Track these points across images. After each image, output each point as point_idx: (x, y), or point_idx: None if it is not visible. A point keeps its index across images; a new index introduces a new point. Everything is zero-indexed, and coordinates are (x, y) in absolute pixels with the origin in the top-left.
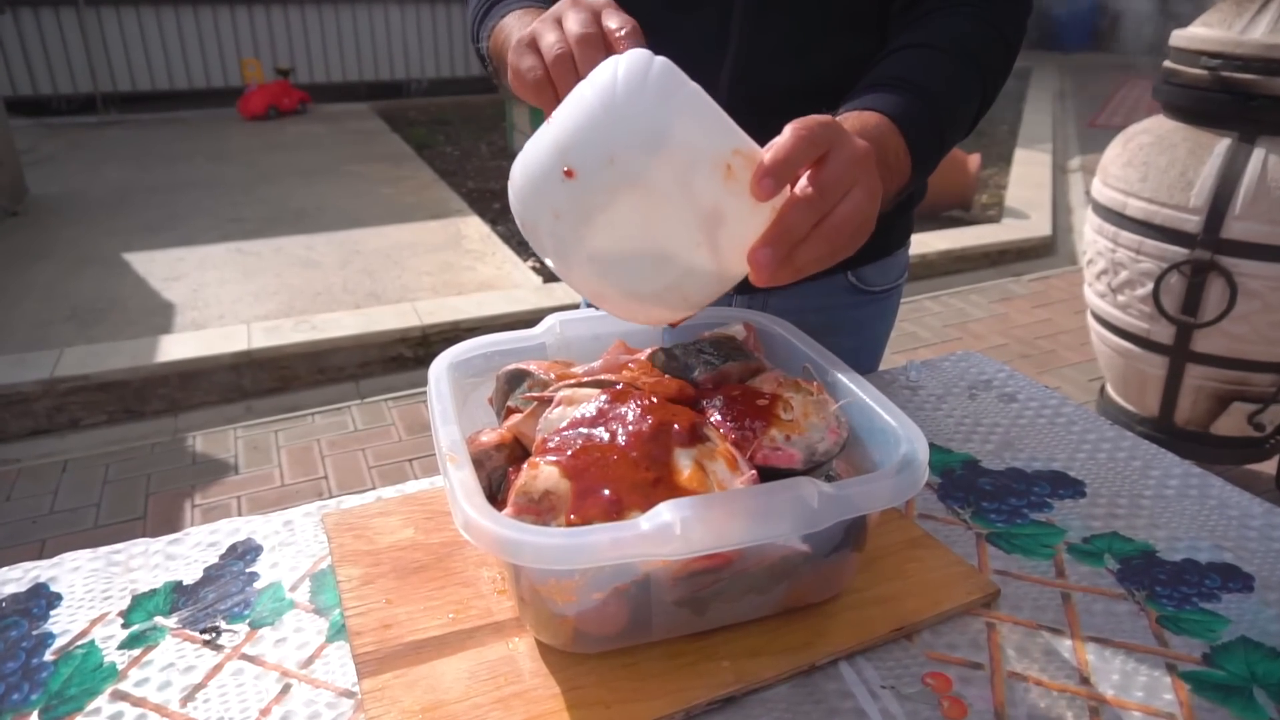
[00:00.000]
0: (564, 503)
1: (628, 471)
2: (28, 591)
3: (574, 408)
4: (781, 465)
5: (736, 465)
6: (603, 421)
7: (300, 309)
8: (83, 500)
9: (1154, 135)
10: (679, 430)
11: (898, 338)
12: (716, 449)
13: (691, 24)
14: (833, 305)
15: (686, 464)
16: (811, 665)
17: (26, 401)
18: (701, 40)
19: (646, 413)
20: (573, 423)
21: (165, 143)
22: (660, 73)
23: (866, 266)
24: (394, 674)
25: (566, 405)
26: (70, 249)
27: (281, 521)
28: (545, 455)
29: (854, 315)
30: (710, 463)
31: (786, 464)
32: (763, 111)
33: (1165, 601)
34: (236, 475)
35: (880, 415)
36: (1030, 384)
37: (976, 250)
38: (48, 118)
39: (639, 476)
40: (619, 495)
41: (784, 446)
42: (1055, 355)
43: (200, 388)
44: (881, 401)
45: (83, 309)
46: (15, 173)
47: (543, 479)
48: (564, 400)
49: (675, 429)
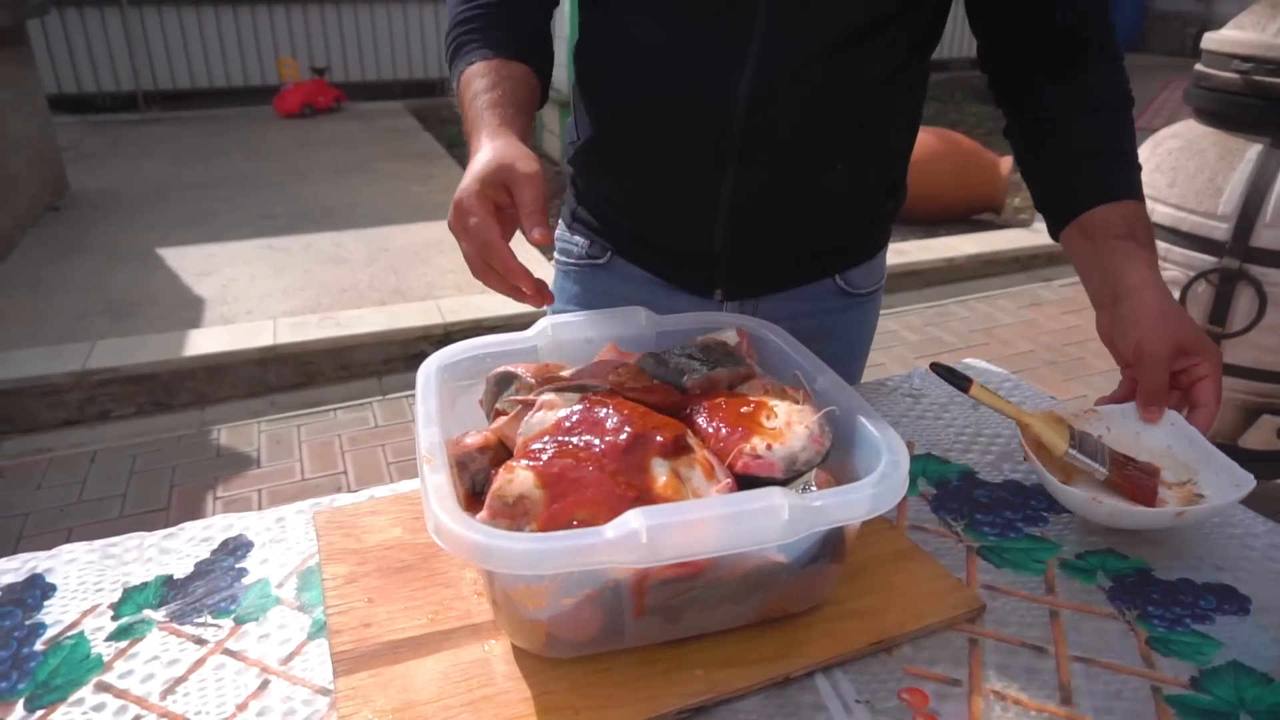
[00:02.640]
0: (538, 508)
1: (603, 485)
2: (24, 582)
3: (554, 412)
4: (762, 474)
5: (714, 473)
6: (583, 428)
7: (327, 305)
8: (110, 490)
9: (1183, 140)
10: (662, 442)
11: (922, 342)
12: (695, 457)
13: (711, 29)
14: (823, 310)
15: (662, 472)
16: (786, 676)
17: (59, 393)
18: (721, 46)
19: (626, 421)
20: (554, 427)
21: (203, 140)
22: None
23: (853, 270)
24: (369, 673)
25: (547, 410)
26: (107, 243)
27: (274, 518)
28: (522, 460)
29: (842, 319)
30: (687, 470)
31: (766, 473)
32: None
33: (1157, 622)
34: (258, 469)
35: (864, 425)
36: (1037, 394)
37: (1006, 254)
38: (91, 115)
39: (614, 491)
40: (591, 512)
41: (765, 455)
42: (1083, 363)
43: (226, 381)
44: (866, 411)
45: (117, 302)
46: (57, 168)
47: (518, 484)
48: (545, 405)
49: (658, 440)
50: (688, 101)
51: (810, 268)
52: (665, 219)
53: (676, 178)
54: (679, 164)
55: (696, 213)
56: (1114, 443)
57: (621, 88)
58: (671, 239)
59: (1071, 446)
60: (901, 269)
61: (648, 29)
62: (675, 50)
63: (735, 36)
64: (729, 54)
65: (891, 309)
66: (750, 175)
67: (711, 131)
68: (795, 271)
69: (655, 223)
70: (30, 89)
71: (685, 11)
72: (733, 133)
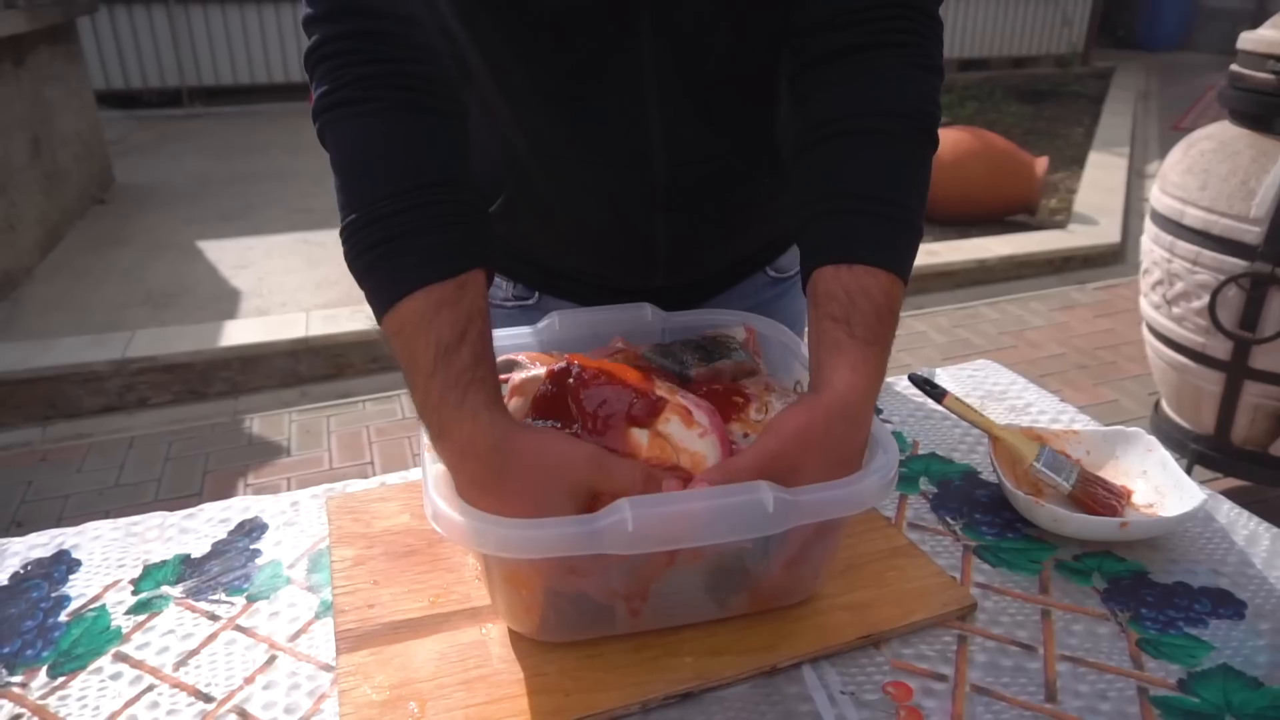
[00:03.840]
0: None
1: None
2: (52, 557)
3: (526, 398)
4: None
5: (691, 419)
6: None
7: (358, 298)
8: (145, 475)
9: (1216, 141)
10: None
11: (949, 344)
12: (671, 405)
13: (602, 96)
14: (758, 300)
15: (643, 439)
16: (773, 667)
17: (100, 380)
18: (622, 111)
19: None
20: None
21: (244, 135)
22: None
23: (782, 256)
24: (370, 651)
25: (519, 396)
26: (149, 236)
27: (289, 502)
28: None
29: (774, 304)
30: (665, 426)
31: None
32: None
33: (1149, 624)
34: (289, 457)
35: None
36: (1044, 396)
37: (1039, 256)
38: (138, 110)
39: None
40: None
41: (740, 443)
42: (1115, 367)
43: (260, 372)
44: None
45: (157, 293)
46: (104, 162)
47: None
48: (515, 390)
49: (631, 411)
50: (601, 167)
51: (746, 267)
52: (599, 266)
53: (606, 233)
54: (605, 220)
55: (634, 259)
56: (1092, 465)
57: (527, 159)
58: (608, 280)
59: (1038, 461)
60: (931, 269)
61: (543, 90)
62: (577, 106)
63: (631, 97)
64: (631, 101)
65: (920, 310)
66: (681, 216)
67: (633, 186)
68: (733, 275)
69: (588, 269)
70: (79, 85)
71: (574, 60)
72: (655, 182)
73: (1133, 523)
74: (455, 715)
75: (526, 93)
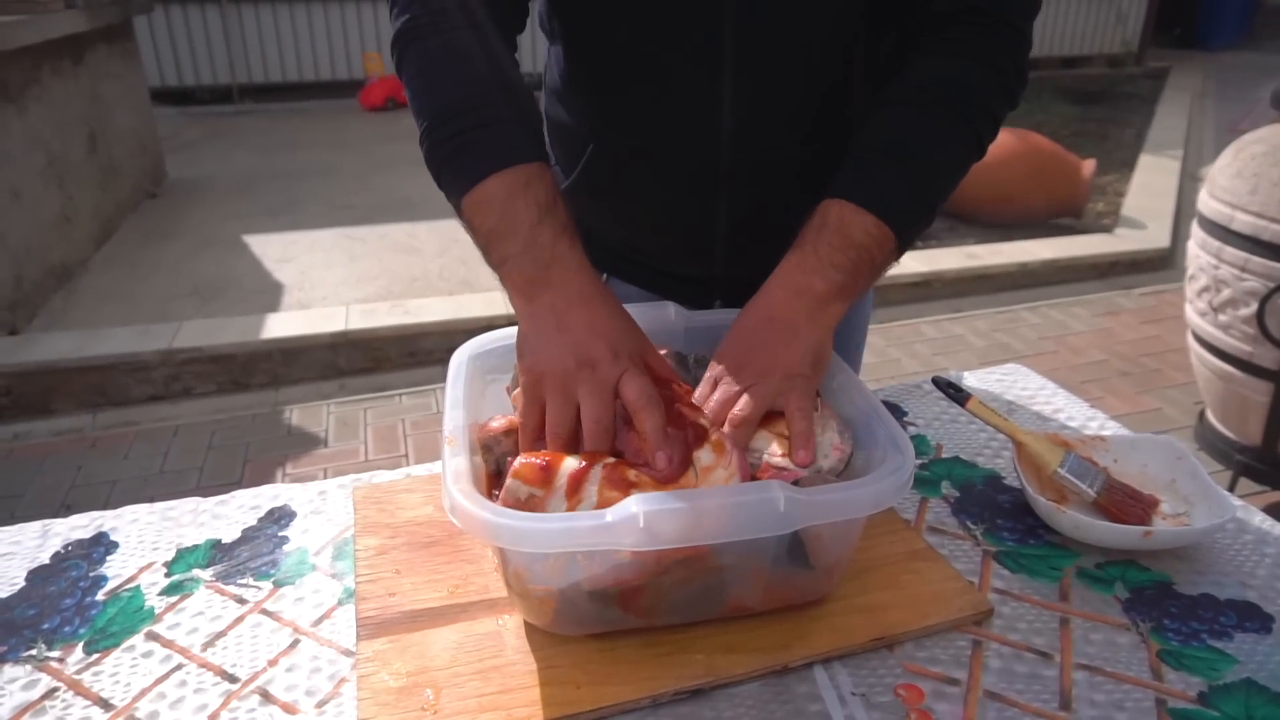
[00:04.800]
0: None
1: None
2: (91, 538)
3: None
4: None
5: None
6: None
7: (398, 293)
8: (188, 463)
9: (1268, 145)
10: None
11: (988, 348)
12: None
13: (680, 51)
14: None
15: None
16: (785, 666)
17: (147, 369)
18: (694, 80)
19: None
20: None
21: (290, 132)
22: None
23: None
24: (389, 638)
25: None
26: (197, 230)
27: (317, 491)
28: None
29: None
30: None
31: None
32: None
33: (1171, 635)
34: (326, 448)
35: (872, 424)
36: (1073, 402)
37: (1084, 261)
38: (191, 106)
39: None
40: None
41: (789, 467)
42: (1159, 374)
43: (300, 364)
44: (877, 409)
45: (203, 286)
46: (157, 158)
47: (525, 489)
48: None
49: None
50: (669, 143)
51: None
52: (662, 248)
53: (669, 212)
54: (670, 200)
55: (694, 241)
56: (1120, 474)
57: (599, 132)
58: (670, 264)
59: (1062, 467)
60: (970, 273)
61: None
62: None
63: (707, 67)
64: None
65: (958, 313)
66: (743, 201)
67: (698, 167)
68: None
69: (652, 251)
70: (135, 82)
71: (651, 46)
72: (721, 165)
73: (1157, 532)
74: (469, 703)
75: (605, 66)
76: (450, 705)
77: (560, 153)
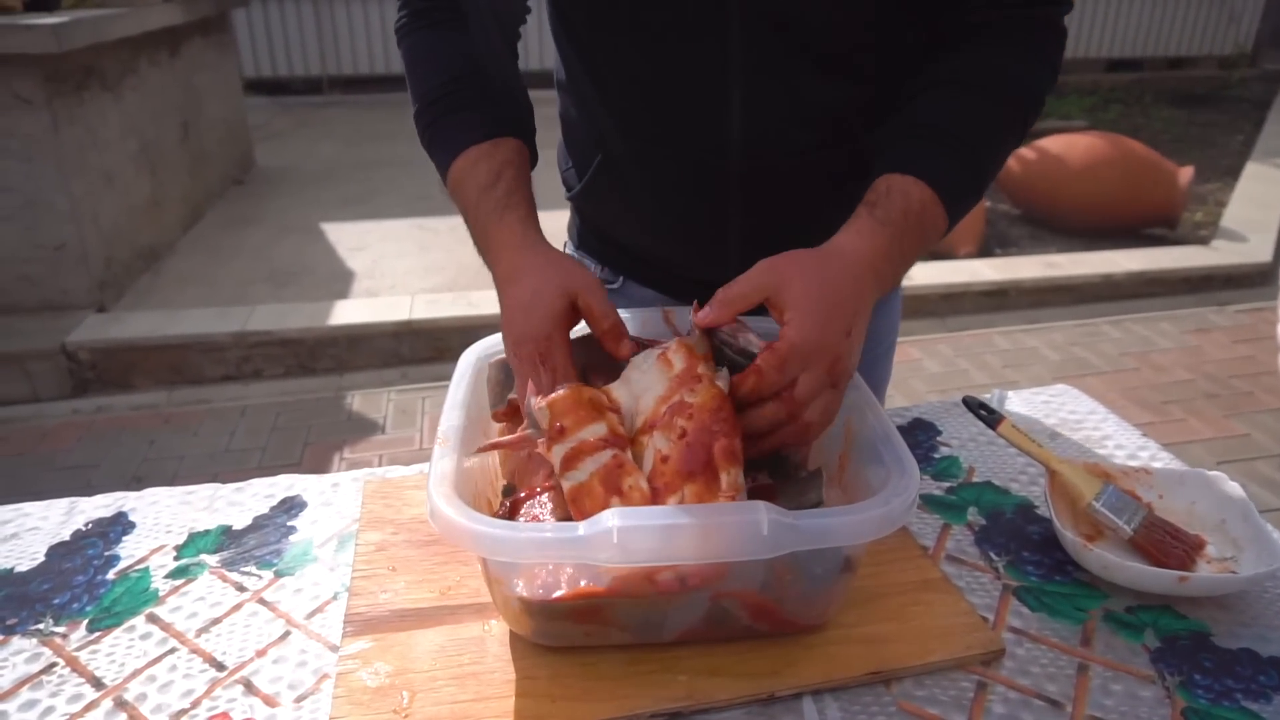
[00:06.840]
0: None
1: None
2: (111, 518)
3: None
4: None
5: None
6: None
7: (463, 284)
8: (253, 443)
9: None
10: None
11: (1063, 363)
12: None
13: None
14: None
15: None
16: (771, 694)
17: (221, 350)
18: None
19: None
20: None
21: (374, 123)
22: None
23: None
24: (374, 636)
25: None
26: (279, 217)
27: (330, 483)
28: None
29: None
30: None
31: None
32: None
33: (1201, 692)
34: (383, 435)
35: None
36: (1123, 429)
37: (1174, 274)
38: (284, 97)
39: None
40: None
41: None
42: (1250, 398)
43: (364, 351)
44: (888, 433)
45: (279, 271)
46: (246, 146)
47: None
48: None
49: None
50: (678, 150)
51: None
52: (675, 253)
53: (681, 218)
54: (680, 206)
55: (707, 246)
56: (1164, 510)
57: (608, 138)
58: (685, 268)
59: (1098, 500)
60: (1050, 282)
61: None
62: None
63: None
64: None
65: (1033, 325)
66: (756, 207)
67: (708, 173)
68: None
69: (666, 255)
70: (228, 73)
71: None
72: (731, 172)
73: (1194, 578)
74: (441, 710)
75: (612, 72)
76: (422, 710)
77: (574, 156)
